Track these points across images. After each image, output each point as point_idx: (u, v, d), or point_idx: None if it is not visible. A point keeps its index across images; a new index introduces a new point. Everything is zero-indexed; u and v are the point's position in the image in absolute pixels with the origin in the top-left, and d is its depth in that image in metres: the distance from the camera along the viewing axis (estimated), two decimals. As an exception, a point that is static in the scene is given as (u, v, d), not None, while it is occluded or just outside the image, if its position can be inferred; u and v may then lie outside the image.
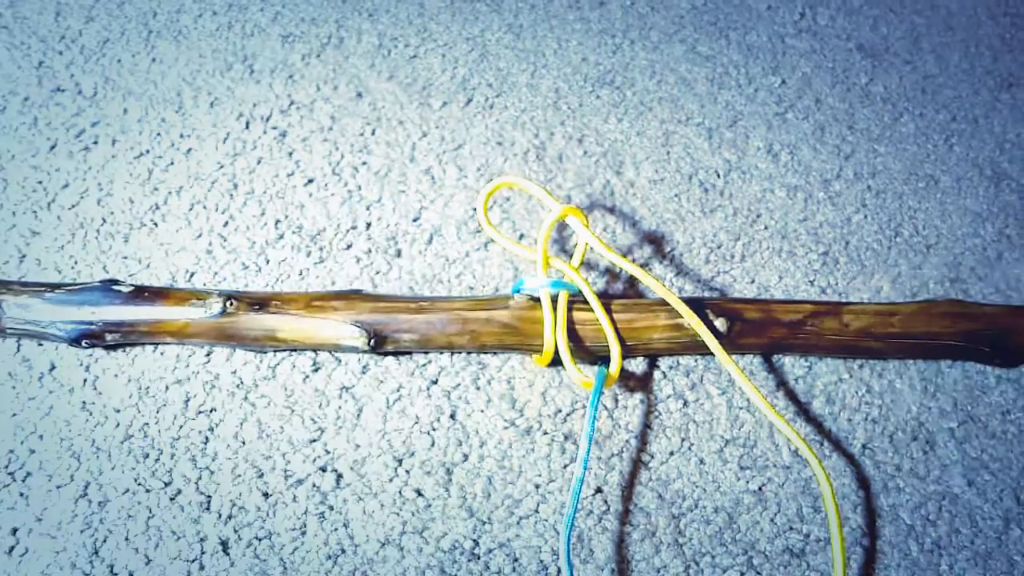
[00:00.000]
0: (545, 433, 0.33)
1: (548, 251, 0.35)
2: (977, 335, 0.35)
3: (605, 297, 0.35)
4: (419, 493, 0.32)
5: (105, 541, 0.30)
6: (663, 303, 0.34)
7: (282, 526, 0.31)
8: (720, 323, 0.33)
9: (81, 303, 0.32)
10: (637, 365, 0.36)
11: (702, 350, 0.35)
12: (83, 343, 0.33)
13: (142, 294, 0.33)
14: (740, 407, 0.35)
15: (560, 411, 0.34)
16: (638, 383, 0.35)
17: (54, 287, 0.33)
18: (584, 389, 0.34)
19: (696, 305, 0.34)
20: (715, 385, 0.35)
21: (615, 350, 0.32)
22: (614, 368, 0.32)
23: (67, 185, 0.40)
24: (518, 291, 0.34)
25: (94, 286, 0.33)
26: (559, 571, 0.30)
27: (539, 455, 0.33)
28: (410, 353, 0.35)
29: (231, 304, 0.33)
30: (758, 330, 0.34)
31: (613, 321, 0.33)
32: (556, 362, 0.34)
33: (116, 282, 0.34)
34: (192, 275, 0.37)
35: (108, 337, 0.33)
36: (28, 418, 0.33)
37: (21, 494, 0.31)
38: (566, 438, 0.33)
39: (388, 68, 0.46)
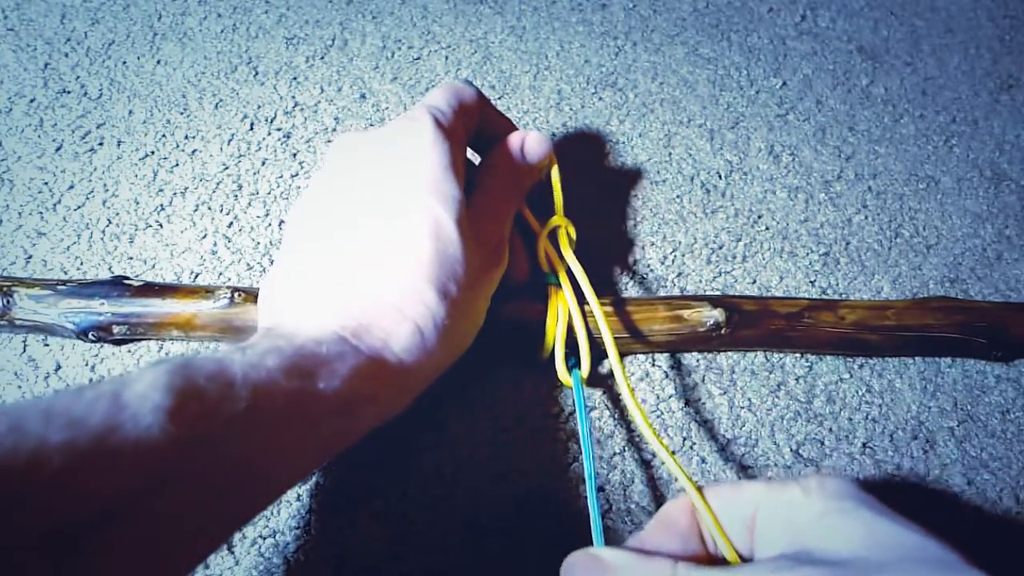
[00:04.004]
0: (548, 431, 0.34)
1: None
2: (972, 327, 0.35)
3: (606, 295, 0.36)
4: (425, 492, 0.32)
5: (111, 539, 0.30)
6: (663, 299, 0.35)
7: (286, 525, 0.31)
8: (718, 313, 0.34)
9: (91, 295, 0.33)
10: (639, 364, 0.36)
11: (703, 344, 0.35)
12: (91, 335, 0.33)
13: (151, 288, 0.34)
14: (741, 407, 0.35)
15: (563, 410, 0.34)
16: (640, 382, 0.35)
17: (65, 282, 0.34)
18: (571, 388, 0.34)
19: (695, 299, 0.34)
20: (717, 385, 0.35)
21: (583, 346, 0.32)
22: (585, 369, 0.32)
23: (73, 186, 0.40)
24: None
25: (104, 280, 0.34)
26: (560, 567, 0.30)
27: (543, 453, 0.33)
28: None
29: (238, 296, 0.33)
30: (755, 322, 0.34)
31: (585, 317, 0.33)
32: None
33: (126, 278, 0.34)
34: (197, 275, 0.37)
35: (115, 330, 0.33)
36: (35, 417, 0.33)
37: (28, 492, 0.31)
38: (568, 438, 0.34)
39: (392, 70, 0.46)
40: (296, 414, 0.22)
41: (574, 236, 0.35)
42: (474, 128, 0.34)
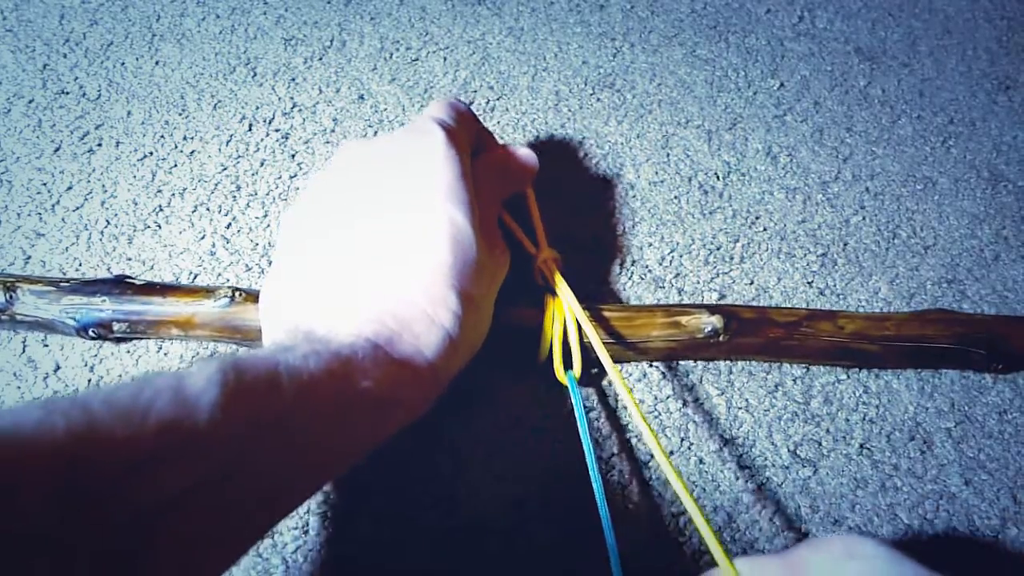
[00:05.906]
0: (548, 431, 0.34)
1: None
2: (972, 339, 0.35)
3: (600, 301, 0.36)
4: (425, 492, 0.32)
5: (110, 539, 0.30)
6: (660, 306, 0.35)
7: (284, 524, 0.31)
8: (716, 319, 0.34)
9: (93, 293, 0.33)
10: (636, 365, 0.36)
11: (701, 352, 0.35)
12: (91, 331, 0.33)
13: (152, 287, 0.34)
14: (739, 407, 0.35)
15: (562, 410, 0.34)
16: (638, 384, 0.35)
17: (68, 280, 0.34)
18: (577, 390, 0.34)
19: (693, 306, 0.34)
20: (714, 385, 0.36)
21: (575, 348, 0.33)
22: (577, 370, 0.32)
23: (71, 187, 0.40)
24: None
25: (106, 279, 0.34)
26: (555, 564, 0.30)
27: (542, 453, 0.33)
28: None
29: (239, 296, 0.33)
30: (754, 330, 0.34)
31: (578, 324, 0.33)
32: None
33: (128, 277, 0.35)
34: (195, 276, 0.37)
35: (116, 327, 0.33)
36: (33, 418, 0.33)
37: (27, 493, 0.31)
38: (567, 437, 0.34)
39: (390, 71, 0.47)
40: (334, 415, 0.24)
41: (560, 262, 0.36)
42: (474, 141, 0.34)
